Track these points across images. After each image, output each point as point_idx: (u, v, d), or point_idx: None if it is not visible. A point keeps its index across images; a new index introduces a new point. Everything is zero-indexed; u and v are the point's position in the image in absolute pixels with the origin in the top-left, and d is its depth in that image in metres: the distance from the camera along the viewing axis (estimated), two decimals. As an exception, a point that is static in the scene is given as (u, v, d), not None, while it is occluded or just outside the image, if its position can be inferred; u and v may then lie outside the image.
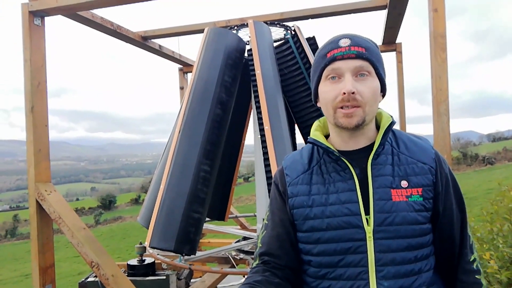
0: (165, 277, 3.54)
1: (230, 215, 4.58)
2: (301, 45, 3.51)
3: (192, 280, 3.91)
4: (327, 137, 1.35)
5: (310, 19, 4.33)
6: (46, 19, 3.38)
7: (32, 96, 3.22)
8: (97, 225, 30.62)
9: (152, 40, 4.89)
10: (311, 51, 3.54)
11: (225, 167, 4.00)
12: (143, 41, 4.72)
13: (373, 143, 1.26)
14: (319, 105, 1.31)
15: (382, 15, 4.34)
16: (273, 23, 3.80)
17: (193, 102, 3.22)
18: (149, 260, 3.72)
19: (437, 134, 2.25)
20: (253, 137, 3.64)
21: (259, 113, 3.12)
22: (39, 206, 3.18)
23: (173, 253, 3.03)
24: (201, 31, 3.70)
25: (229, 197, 4.23)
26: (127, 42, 4.61)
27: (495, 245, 3.29)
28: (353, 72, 1.19)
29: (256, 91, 3.21)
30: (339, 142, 1.29)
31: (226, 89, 3.30)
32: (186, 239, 2.86)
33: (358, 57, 1.19)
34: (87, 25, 3.90)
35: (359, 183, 1.22)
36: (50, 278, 3.21)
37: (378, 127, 1.30)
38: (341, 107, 1.19)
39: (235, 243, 3.82)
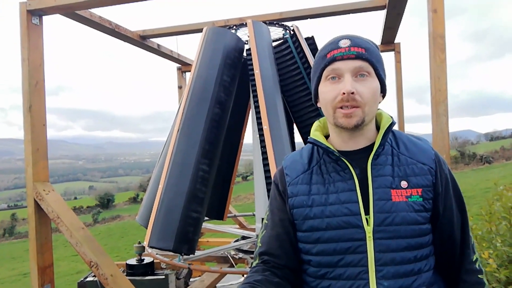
0: (164, 277, 3.54)
1: (228, 214, 4.58)
2: (299, 45, 3.51)
3: (191, 279, 3.92)
4: (327, 137, 1.36)
5: (309, 19, 4.32)
6: (44, 18, 3.36)
7: (30, 95, 3.21)
8: (95, 224, 30.59)
9: (150, 39, 4.88)
10: (309, 51, 3.54)
11: (223, 167, 4.00)
12: (142, 40, 4.71)
13: (373, 144, 1.26)
14: (319, 105, 1.31)
15: (381, 15, 4.34)
16: (272, 23, 3.80)
17: (191, 101, 3.21)
18: (148, 259, 3.72)
19: (436, 134, 2.25)
20: (252, 136, 3.64)
21: (258, 112, 3.12)
22: (37, 205, 3.18)
23: (172, 253, 3.03)
24: (200, 30, 3.69)
25: (227, 196, 4.23)
26: (125, 41, 4.59)
27: (493, 244, 3.31)
28: (352, 72, 1.19)
29: (254, 91, 3.21)
30: (339, 142, 1.29)
31: (224, 89, 3.29)
32: (185, 239, 2.86)
33: (358, 57, 1.20)
34: (85, 24, 3.88)
35: (359, 183, 1.22)
36: (48, 277, 3.21)
37: (378, 128, 1.30)
38: (341, 107, 1.19)
39: (234, 242, 3.82)
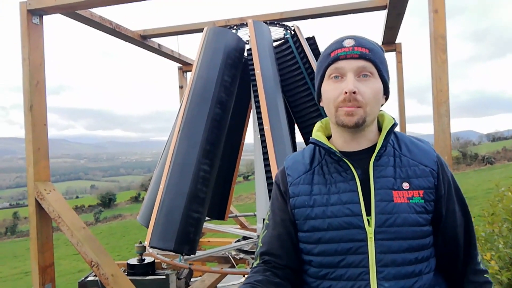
0: (165, 277, 3.54)
1: (230, 215, 4.58)
2: (300, 45, 3.50)
3: (192, 279, 3.91)
4: (329, 138, 1.36)
5: (309, 19, 4.32)
6: (45, 17, 3.36)
7: (30, 95, 3.21)
8: (97, 223, 30.63)
9: (151, 39, 4.88)
10: (310, 51, 3.54)
11: (224, 167, 4.00)
12: (142, 40, 4.71)
13: (375, 145, 1.26)
14: (322, 104, 1.32)
15: (382, 15, 4.33)
16: (272, 22, 3.80)
17: (192, 101, 3.21)
18: (149, 259, 3.71)
19: (437, 135, 2.24)
20: (253, 136, 3.64)
21: (259, 113, 3.12)
22: (39, 205, 3.18)
23: (173, 253, 3.03)
24: (201, 30, 3.69)
25: (229, 196, 4.24)
26: (126, 41, 4.59)
27: (495, 246, 3.29)
28: (355, 72, 1.19)
29: (255, 91, 3.20)
30: (341, 143, 1.29)
31: (225, 89, 3.29)
32: (185, 239, 2.86)
33: (361, 57, 1.20)
34: (86, 24, 3.88)
35: (361, 184, 1.22)
36: (49, 277, 3.21)
37: (380, 129, 1.30)
38: (343, 107, 1.19)
39: (235, 242, 3.82)
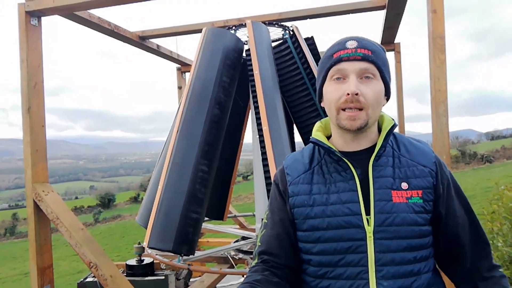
0: (164, 277, 3.53)
1: (229, 215, 4.58)
2: (299, 45, 3.50)
3: (191, 279, 3.91)
4: (329, 138, 1.37)
5: (308, 19, 4.31)
6: (44, 18, 3.35)
7: (29, 96, 3.20)
8: (96, 224, 30.61)
9: (150, 40, 4.87)
10: (309, 51, 3.53)
11: (223, 167, 3.99)
12: (141, 41, 4.70)
13: (375, 145, 1.27)
14: (323, 105, 1.32)
15: (380, 15, 4.34)
16: (271, 23, 3.79)
17: (191, 102, 3.21)
18: (148, 260, 3.71)
19: (436, 135, 2.24)
20: (252, 136, 3.64)
21: (257, 113, 3.12)
22: (37, 206, 3.17)
23: (172, 253, 3.03)
24: (199, 31, 3.68)
25: (227, 196, 4.23)
26: (124, 42, 4.59)
27: (494, 245, 3.30)
28: (358, 73, 1.20)
29: (254, 92, 3.20)
30: (341, 143, 1.30)
31: (224, 89, 3.29)
32: (184, 240, 2.85)
33: (364, 59, 1.21)
34: (84, 25, 3.87)
35: (360, 183, 1.23)
36: (48, 278, 3.20)
37: (380, 130, 1.31)
38: (344, 109, 1.20)
39: (234, 242, 3.82)
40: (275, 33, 3.88)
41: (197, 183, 2.98)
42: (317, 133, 1.34)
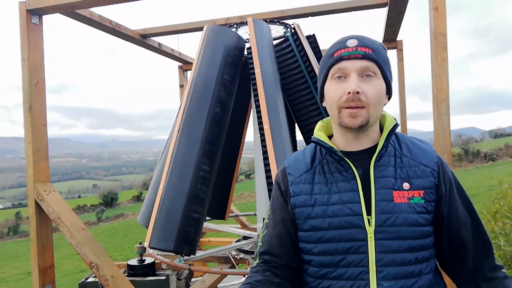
0: (165, 277, 3.53)
1: (230, 214, 4.57)
2: (301, 43, 3.48)
3: (192, 279, 3.91)
4: (330, 138, 1.36)
5: (310, 17, 4.30)
6: (45, 17, 3.35)
7: (30, 95, 3.20)
8: (99, 223, 30.71)
9: (151, 38, 4.87)
10: (311, 49, 3.51)
11: (225, 166, 3.98)
12: (142, 39, 4.69)
13: (376, 145, 1.27)
14: (324, 104, 1.32)
15: (382, 12, 4.32)
16: (272, 21, 3.77)
17: (192, 100, 3.20)
18: (149, 260, 3.71)
19: (437, 133, 2.23)
20: (253, 135, 3.62)
21: (259, 112, 3.10)
22: (38, 206, 3.17)
23: (173, 253, 3.02)
24: (200, 29, 3.67)
25: (229, 195, 4.22)
26: (126, 40, 4.58)
27: (496, 244, 3.28)
28: (359, 72, 1.20)
29: (255, 90, 3.18)
30: (343, 142, 1.30)
31: (225, 88, 3.27)
32: (185, 239, 2.84)
33: (364, 57, 1.20)
34: (85, 23, 3.87)
35: (362, 183, 1.22)
36: (49, 278, 3.20)
37: (381, 129, 1.31)
38: (346, 107, 1.20)
39: (235, 242, 3.81)
40: (277, 31, 3.86)
41: (198, 182, 2.96)
42: (318, 132, 1.34)
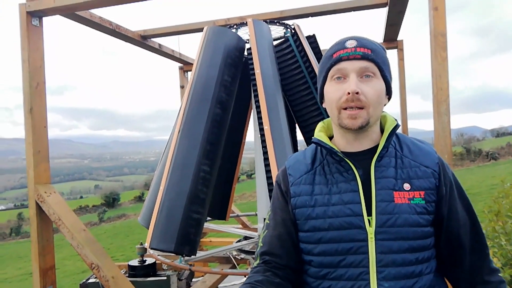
0: (166, 278, 3.54)
1: (231, 214, 4.57)
2: (301, 43, 3.48)
3: (193, 280, 3.91)
4: (331, 138, 1.36)
5: (310, 17, 4.30)
6: (45, 18, 3.35)
7: (30, 97, 3.20)
8: (101, 223, 30.73)
9: (151, 39, 4.87)
10: (311, 49, 3.52)
11: (225, 166, 3.98)
12: (143, 40, 4.70)
13: (377, 146, 1.27)
14: (324, 105, 1.32)
15: (383, 12, 4.31)
16: (272, 21, 3.77)
17: (192, 101, 3.20)
18: (150, 260, 3.71)
19: (437, 133, 2.22)
20: (254, 135, 3.62)
21: (259, 112, 3.10)
22: (39, 208, 3.18)
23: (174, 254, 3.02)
24: (200, 30, 3.67)
25: (230, 196, 4.22)
26: (126, 41, 4.59)
27: (498, 243, 3.27)
28: (358, 72, 1.20)
29: (255, 91, 3.18)
30: (343, 143, 1.30)
31: (225, 89, 3.27)
32: (186, 240, 2.85)
33: (363, 58, 1.20)
34: (85, 25, 3.88)
35: (362, 184, 1.22)
36: (50, 279, 3.21)
37: (382, 130, 1.31)
38: (346, 109, 1.20)
39: (236, 242, 3.81)
40: (277, 31, 3.86)
41: (199, 183, 2.97)
42: (319, 133, 1.34)
